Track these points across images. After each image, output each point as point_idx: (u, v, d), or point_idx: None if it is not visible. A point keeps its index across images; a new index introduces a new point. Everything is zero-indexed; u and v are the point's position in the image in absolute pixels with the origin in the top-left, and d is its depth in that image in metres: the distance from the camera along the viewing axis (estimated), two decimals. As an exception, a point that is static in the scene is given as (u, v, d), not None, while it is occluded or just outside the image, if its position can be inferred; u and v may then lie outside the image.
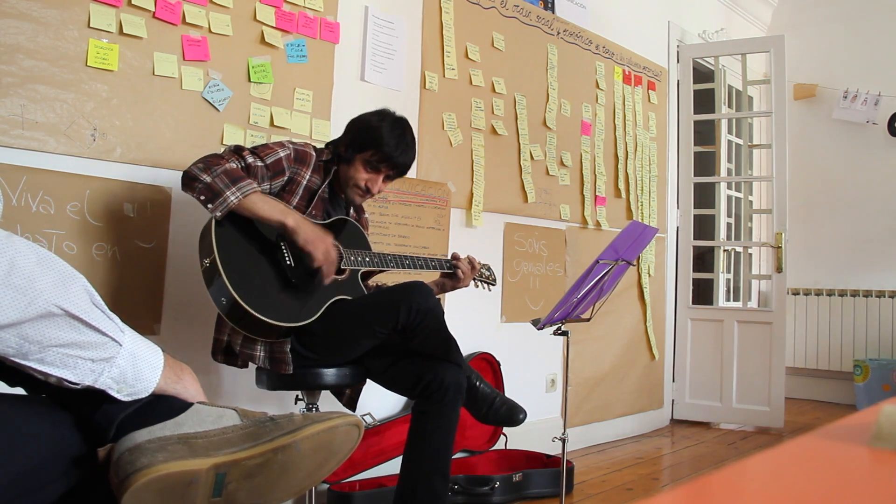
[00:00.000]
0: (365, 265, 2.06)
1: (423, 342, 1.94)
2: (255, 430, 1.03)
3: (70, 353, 0.90)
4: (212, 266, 1.78)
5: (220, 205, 1.76)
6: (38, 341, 0.87)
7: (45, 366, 0.89)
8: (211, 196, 1.76)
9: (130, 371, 0.96)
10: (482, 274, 2.39)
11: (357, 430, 1.12)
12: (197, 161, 1.81)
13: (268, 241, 1.92)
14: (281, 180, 1.96)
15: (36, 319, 0.86)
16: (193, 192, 1.78)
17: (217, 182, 1.76)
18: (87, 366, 0.91)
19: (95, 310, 0.92)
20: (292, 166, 1.98)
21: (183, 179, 1.80)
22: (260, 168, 1.89)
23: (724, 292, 4.81)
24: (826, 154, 5.34)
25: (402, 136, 2.06)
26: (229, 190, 1.76)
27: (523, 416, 2.07)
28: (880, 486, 0.50)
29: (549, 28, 3.59)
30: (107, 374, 0.93)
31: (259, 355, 1.92)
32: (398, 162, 2.07)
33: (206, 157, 1.83)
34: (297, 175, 1.99)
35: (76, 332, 0.89)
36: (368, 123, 2.07)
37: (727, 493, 0.48)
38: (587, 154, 3.79)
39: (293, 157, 1.98)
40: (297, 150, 2.00)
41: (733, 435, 4.13)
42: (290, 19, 2.48)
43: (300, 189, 2.00)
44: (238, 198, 1.77)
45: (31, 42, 1.91)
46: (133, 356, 0.96)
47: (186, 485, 0.95)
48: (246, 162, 1.87)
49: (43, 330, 0.87)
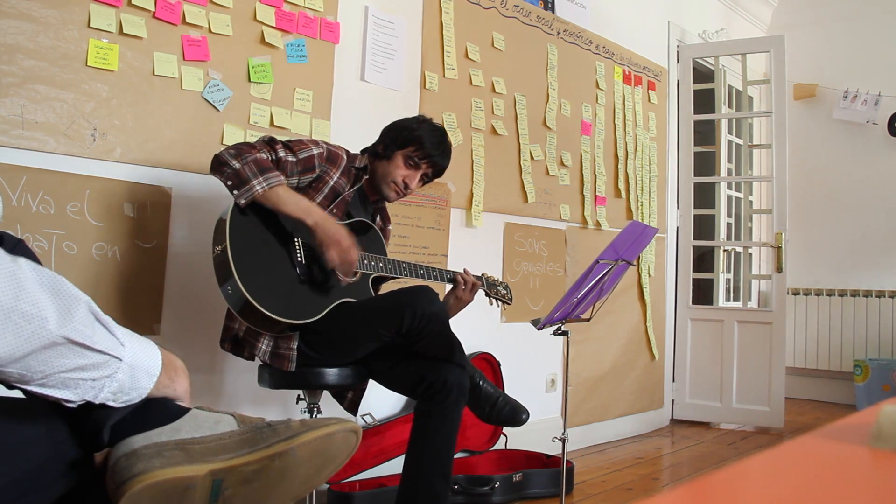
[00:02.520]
0: (378, 270, 2.07)
1: (426, 346, 1.94)
2: (252, 436, 1.03)
3: (72, 377, 0.88)
4: (222, 254, 1.79)
5: (245, 192, 1.79)
6: (40, 371, 0.85)
7: (47, 389, 0.88)
8: (238, 182, 1.79)
9: (128, 382, 0.95)
10: (498, 292, 2.35)
11: (355, 437, 1.11)
12: (229, 147, 1.85)
13: (283, 235, 1.93)
14: (310, 176, 1.99)
15: (39, 351, 0.84)
16: (222, 175, 1.81)
17: (246, 170, 1.79)
18: (88, 385, 0.90)
19: (98, 329, 0.91)
20: (323, 165, 2.01)
21: (213, 163, 1.83)
22: (290, 163, 1.92)
23: (724, 292, 4.81)
24: (826, 154, 5.34)
25: (442, 139, 2.15)
26: (256, 179, 1.79)
27: (526, 417, 2.06)
28: (880, 486, 0.50)
29: (549, 28, 3.59)
30: (107, 390, 0.92)
31: (261, 348, 1.92)
32: (437, 161, 2.14)
33: (239, 144, 1.87)
34: (325, 174, 2.02)
35: (79, 357, 0.88)
36: (409, 125, 2.14)
37: (727, 493, 0.48)
38: (587, 154, 3.79)
39: (325, 156, 2.01)
40: (330, 150, 2.04)
41: (733, 435, 4.13)
42: (290, 19, 2.48)
43: (326, 188, 2.02)
44: (264, 188, 1.79)
45: (31, 42, 1.91)
46: (132, 367, 0.95)
47: (183, 491, 0.95)
48: (277, 155, 1.90)
49: (46, 360, 0.85)
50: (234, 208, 1.83)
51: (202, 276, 2.17)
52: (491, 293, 2.33)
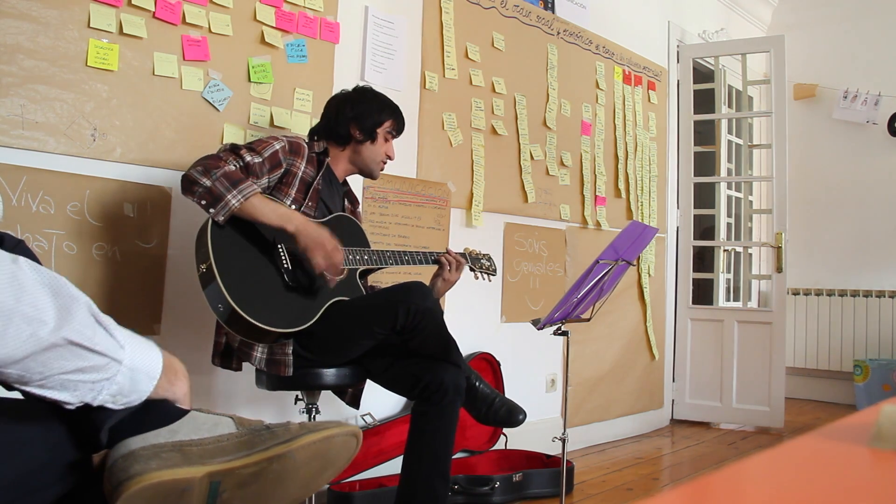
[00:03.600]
0: (364, 263, 2.06)
1: (422, 343, 1.94)
2: (251, 438, 1.03)
3: (71, 379, 0.88)
4: (208, 272, 1.76)
5: (221, 209, 1.76)
6: (39, 372, 0.85)
7: (46, 390, 0.87)
8: (212, 200, 1.76)
9: (128, 385, 0.94)
10: (482, 265, 2.34)
11: (355, 441, 1.10)
12: (195, 164, 1.80)
13: (265, 243, 1.91)
14: (278, 172, 1.97)
15: (39, 353, 0.84)
16: (194, 196, 1.77)
17: (217, 185, 1.76)
18: (87, 387, 0.89)
19: (98, 331, 0.90)
20: (288, 157, 1.99)
21: (182, 183, 1.79)
22: (258, 164, 1.90)
23: (724, 292, 4.81)
24: (826, 154, 5.34)
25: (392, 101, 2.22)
26: (230, 193, 1.77)
27: (523, 417, 2.06)
28: (880, 486, 0.50)
29: (549, 28, 3.59)
30: (105, 392, 0.92)
31: (256, 356, 1.91)
32: (403, 124, 2.24)
33: (204, 159, 1.82)
34: (292, 166, 2.01)
35: (79, 358, 0.87)
36: (370, 102, 2.16)
37: (727, 493, 0.48)
38: (587, 154, 3.79)
39: (287, 148, 2.00)
40: (291, 141, 2.02)
41: (733, 435, 4.13)
42: (290, 19, 2.48)
43: (296, 181, 2.01)
44: (240, 201, 1.77)
45: (31, 42, 1.91)
46: (132, 370, 0.94)
47: (180, 493, 0.95)
48: (244, 161, 1.88)
49: (46, 362, 0.85)
50: (213, 223, 1.80)
51: (202, 277, 2.17)
52: (476, 268, 2.32)
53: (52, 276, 0.88)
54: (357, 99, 2.16)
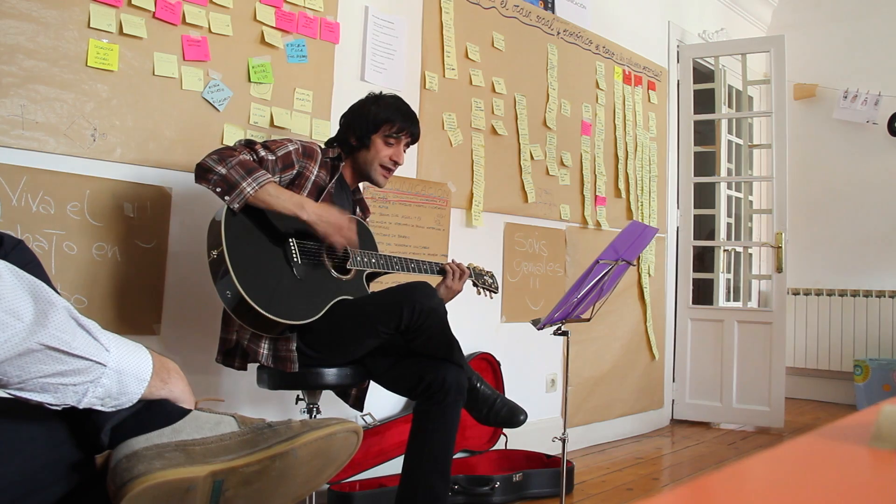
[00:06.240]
0: (371, 266, 2.08)
1: (425, 342, 1.94)
2: (253, 436, 1.03)
3: (51, 382, 0.87)
4: (219, 258, 1.79)
5: (236, 196, 1.78)
6: (17, 375, 0.85)
7: (26, 393, 0.87)
8: (227, 188, 1.79)
9: (115, 388, 0.94)
10: (485, 281, 2.37)
11: (356, 437, 1.11)
12: (211, 153, 1.83)
13: (277, 234, 1.93)
14: (290, 173, 1.99)
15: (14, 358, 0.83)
16: (209, 183, 1.80)
17: (232, 173, 1.79)
18: (70, 389, 0.89)
19: (79, 334, 0.90)
20: (301, 160, 2.01)
21: (197, 171, 1.82)
22: (271, 161, 1.92)
23: (724, 292, 4.81)
24: (826, 154, 5.34)
25: (406, 107, 2.20)
26: (245, 181, 1.79)
27: (524, 418, 2.06)
28: (880, 486, 0.50)
29: (549, 28, 3.59)
30: (91, 395, 0.91)
31: (263, 352, 1.92)
32: (412, 129, 2.19)
33: (220, 149, 1.86)
34: (305, 169, 2.02)
35: (58, 363, 0.87)
36: (369, 108, 2.15)
37: (727, 493, 0.48)
38: (587, 154, 3.79)
39: (301, 151, 2.01)
40: (304, 145, 2.04)
41: (733, 435, 4.13)
42: (290, 19, 2.48)
43: (308, 184, 2.02)
44: (254, 188, 1.79)
45: (31, 42, 1.91)
46: (118, 373, 0.94)
47: (184, 492, 0.95)
48: (259, 155, 1.90)
49: (23, 366, 0.84)
50: (228, 211, 1.83)
51: (202, 276, 2.17)
52: (478, 283, 2.34)
53: (31, 280, 0.87)
54: (357, 106, 2.19)
